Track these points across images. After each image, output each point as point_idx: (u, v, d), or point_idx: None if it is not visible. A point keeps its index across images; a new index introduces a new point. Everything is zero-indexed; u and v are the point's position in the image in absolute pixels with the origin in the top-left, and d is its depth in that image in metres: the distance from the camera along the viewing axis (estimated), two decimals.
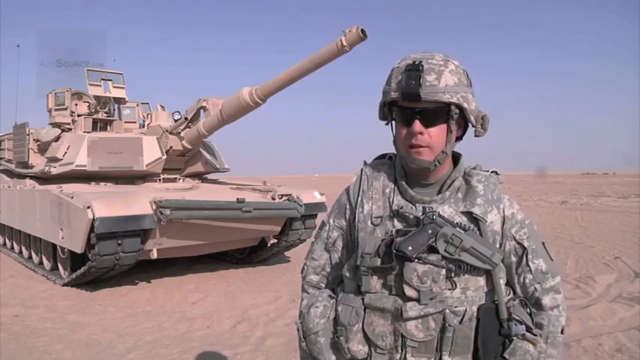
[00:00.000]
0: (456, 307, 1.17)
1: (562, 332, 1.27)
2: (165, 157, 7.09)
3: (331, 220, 1.37)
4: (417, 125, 1.16)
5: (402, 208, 1.22)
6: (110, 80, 8.51)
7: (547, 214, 14.39)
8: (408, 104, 1.17)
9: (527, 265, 1.24)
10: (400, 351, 1.19)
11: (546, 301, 1.26)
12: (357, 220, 1.27)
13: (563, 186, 33.46)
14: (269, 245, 7.34)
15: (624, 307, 4.70)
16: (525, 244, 1.25)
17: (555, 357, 1.24)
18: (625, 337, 3.84)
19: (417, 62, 1.15)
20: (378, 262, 1.18)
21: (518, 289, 1.27)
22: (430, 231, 1.15)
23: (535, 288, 1.25)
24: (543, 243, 1.29)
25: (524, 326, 1.18)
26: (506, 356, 1.18)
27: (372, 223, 1.24)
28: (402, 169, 1.28)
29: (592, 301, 5.06)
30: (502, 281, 1.22)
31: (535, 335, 1.19)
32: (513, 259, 1.25)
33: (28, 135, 7.85)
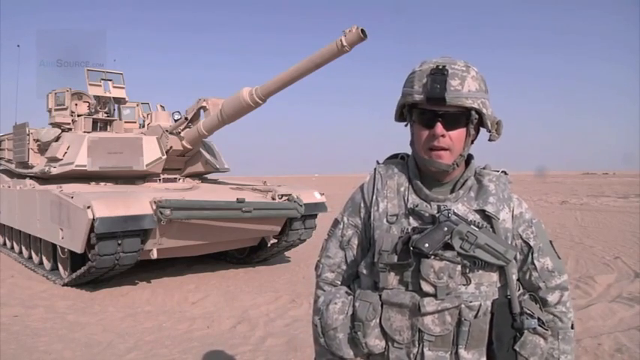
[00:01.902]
0: (470, 302, 1.20)
1: (572, 327, 1.31)
2: (165, 157, 7.10)
3: (345, 219, 1.39)
4: (440, 128, 1.20)
5: (417, 206, 1.25)
6: (110, 80, 8.50)
7: (547, 214, 14.39)
8: (430, 107, 1.20)
9: (533, 263, 1.29)
10: (417, 345, 1.22)
11: (552, 298, 1.30)
12: (372, 218, 1.30)
13: (563, 186, 33.47)
14: (269, 245, 7.34)
15: (624, 307, 4.69)
16: (531, 242, 1.29)
17: (569, 353, 1.29)
18: (625, 337, 3.84)
19: (441, 67, 1.18)
20: (395, 258, 1.21)
21: (528, 286, 1.32)
22: (446, 228, 1.18)
23: (539, 286, 1.30)
24: (551, 242, 1.33)
25: (536, 320, 1.21)
26: (517, 349, 1.20)
27: (387, 221, 1.27)
28: (415, 168, 1.30)
29: (592, 301, 5.06)
30: (514, 277, 1.26)
31: (546, 330, 1.23)
32: (519, 256, 1.29)
33: (28, 135, 7.86)
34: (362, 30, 4.94)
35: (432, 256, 1.18)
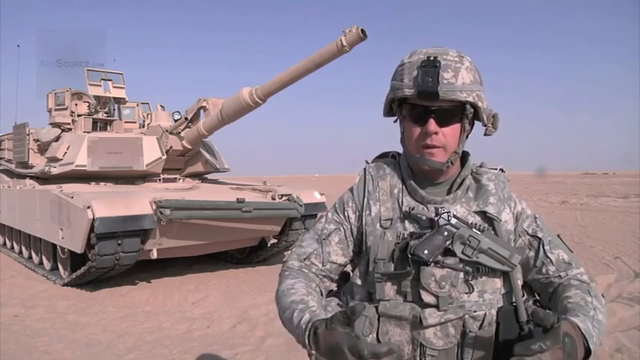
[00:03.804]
0: (475, 311, 1.11)
1: (603, 296, 1.17)
2: (165, 157, 7.10)
3: (329, 214, 1.29)
4: (432, 125, 1.10)
5: (413, 209, 1.16)
6: (110, 80, 8.51)
7: (547, 214, 14.38)
8: (422, 102, 1.11)
9: (547, 256, 1.19)
10: None
11: (578, 277, 1.18)
12: (364, 223, 1.20)
13: (563, 186, 33.45)
14: (269, 245, 7.35)
15: (624, 307, 4.70)
16: (539, 235, 1.20)
17: (601, 311, 1.11)
18: (625, 337, 3.84)
19: (432, 58, 1.08)
20: (392, 267, 1.12)
21: (541, 284, 1.21)
22: (446, 233, 1.09)
23: (560, 276, 1.18)
24: (559, 235, 1.24)
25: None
26: None
27: (381, 226, 1.17)
28: (408, 168, 1.22)
29: None
30: (519, 282, 1.17)
31: None
32: (530, 253, 1.20)
33: (28, 135, 7.86)
34: (362, 30, 4.94)
35: (432, 264, 1.09)
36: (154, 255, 5.92)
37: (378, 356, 0.88)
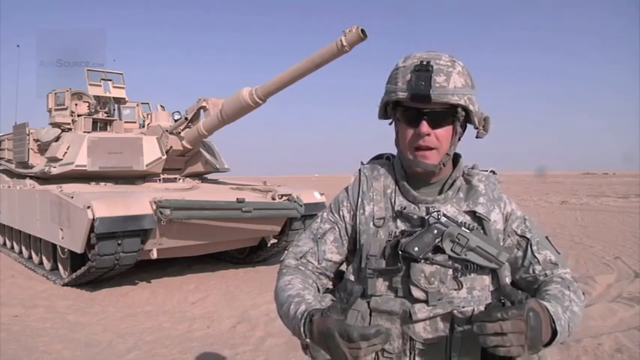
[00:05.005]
0: (463, 307, 1.15)
1: (583, 294, 1.20)
2: (165, 157, 7.11)
3: (325, 214, 1.33)
4: (425, 126, 1.14)
5: (404, 208, 1.20)
6: (110, 80, 8.52)
7: (547, 214, 14.39)
8: (414, 105, 1.15)
9: (534, 256, 1.22)
10: (409, 354, 1.17)
11: (561, 275, 1.21)
12: (358, 222, 1.25)
13: (563, 186, 33.45)
14: (269, 245, 7.35)
15: (624, 307, 4.70)
16: (528, 235, 1.23)
17: (578, 305, 1.15)
18: (625, 337, 3.84)
19: (425, 62, 1.13)
20: (384, 263, 1.16)
21: (527, 282, 1.23)
22: (436, 231, 1.13)
23: (546, 274, 1.22)
24: (547, 237, 1.27)
25: None
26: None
27: (374, 224, 1.22)
28: (401, 169, 1.26)
29: (592, 301, 5.05)
30: (508, 280, 1.22)
31: None
32: (519, 253, 1.23)
33: (28, 135, 7.87)
34: (362, 30, 4.94)
35: (422, 261, 1.13)
36: (154, 255, 5.92)
37: (367, 337, 0.94)
